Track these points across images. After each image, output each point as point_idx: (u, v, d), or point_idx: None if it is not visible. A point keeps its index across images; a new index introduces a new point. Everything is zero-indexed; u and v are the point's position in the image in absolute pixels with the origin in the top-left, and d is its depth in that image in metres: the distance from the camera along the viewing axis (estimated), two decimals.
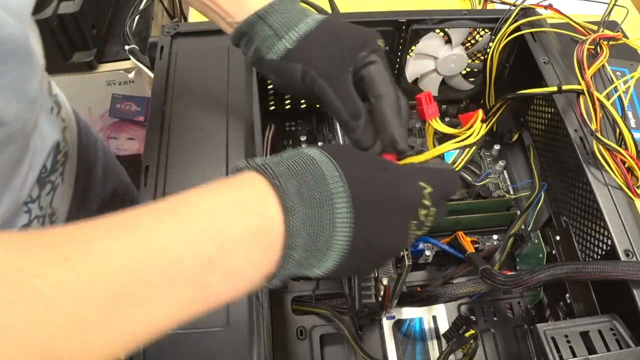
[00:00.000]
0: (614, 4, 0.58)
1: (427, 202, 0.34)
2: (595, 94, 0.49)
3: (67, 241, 0.24)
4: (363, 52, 0.40)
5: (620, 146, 0.48)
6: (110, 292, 0.23)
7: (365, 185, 0.31)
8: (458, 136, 0.45)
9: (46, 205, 0.55)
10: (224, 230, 0.27)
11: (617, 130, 0.50)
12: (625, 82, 0.57)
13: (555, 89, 0.53)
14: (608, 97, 0.50)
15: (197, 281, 0.26)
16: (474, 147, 0.49)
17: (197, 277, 0.26)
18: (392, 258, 0.35)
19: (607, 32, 0.57)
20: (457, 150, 0.62)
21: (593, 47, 0.55)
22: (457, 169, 0.52)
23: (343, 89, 0.40)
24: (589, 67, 0.51)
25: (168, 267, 0.25)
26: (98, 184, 0.69)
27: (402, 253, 0.45)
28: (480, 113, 0.44)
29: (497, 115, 0.61)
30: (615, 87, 0.52)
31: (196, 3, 0.45)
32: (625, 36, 0.60)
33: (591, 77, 0.51)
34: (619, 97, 0.51)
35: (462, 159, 0.51)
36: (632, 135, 0.48)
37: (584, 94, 0.50)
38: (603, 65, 0.54)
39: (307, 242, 0.29)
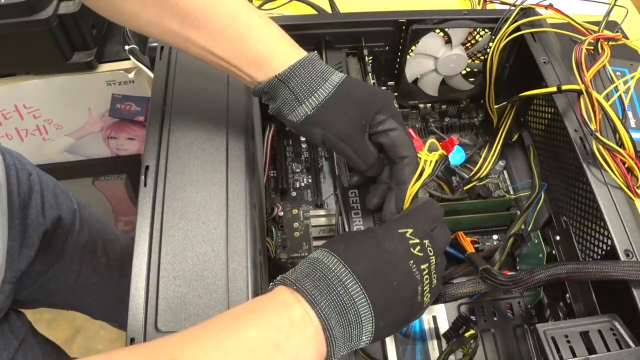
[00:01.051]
0: (614, 4, 0.58)
1: (413, 241, 0.39)
2: (594, 94, 0.49)
3: (167, 348, 0.31)
4: (380, 115, 0.45)
5: (620, 146, 0.48)
6: None
7: (360, 256, 0.38)
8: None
9: None
10: (280, 321, 0.34)
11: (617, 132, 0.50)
12: (625, 83, 0.57)
13: (554, 89, 0.53)
14: (608, 97, 0.50)
15: None
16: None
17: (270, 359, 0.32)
18: (416, 299, 0.39)
19: (607, 33, 0.57)
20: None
21: (592, 47, 0.55)
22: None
23: (361, 148, 0.45)
24: (589, 68, 0.51)
25: (250, 353, 0.32)
26: (37, 217, 0.66)
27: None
28: (454, 139, 0.47)
29: (508, 124, 0.62)
30: (616, 87, 0.52)
31: (212, 64, 0.46)
32: (625, 36, 0.60)
33: (591, 78, 0.51)
34: (619, 98, 0.51)
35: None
36: (629, 136, 0.48)
37: (583, 93, 0.50)
38: (604, 66, 0.54)
39: (339, 319, 0.35)
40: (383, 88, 0.70)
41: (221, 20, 0.43)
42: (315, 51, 0.46)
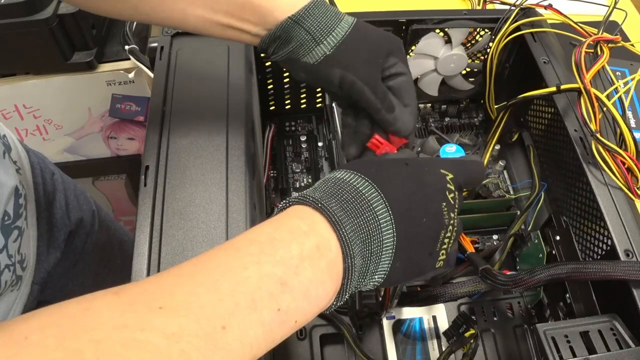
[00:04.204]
0: (614, 7, 0.58)
1: (450, 186, 0.37)
2: (595, 91, 0.49)
3: (154, 292, 0.27)
4: (392, 57, 0.44)
5: (620, 147, 0.48)
6: (205, 330, 0.26)
7: (394, 183, 0.34)
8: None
9: (14, 252, 0.53)
10: (287, 254, 0.30)
11: (618, 131, 0.50)
12: (625, 84, 0.57)
13: (554, 89, 0.53)
14: (608, 98, 0.50)
15: (276, 305, 0.28)
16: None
17: (275, 300, 0.28)
18: (435, 244, 0.36)
19: (606, 35, 0.57)
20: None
21: (592, 50, 0.55)
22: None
23: (379, 89, 0.43)
24: (588, 69, 0.51)
25: (249, 296, 0.28)
26: (62, 218, 0.66)
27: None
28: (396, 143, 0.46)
29: (502, 124, 0.62)
30: (616, 88, 0.52)
31: (212, 29, 0.44)
32: (625, 37, 0.60)
33: (591, 79, 0.51)
34: (620, 99, 0.51)
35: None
36: (632, 134, 0.48)
37: (583, 93, 0.50)
38: (603, 67, 0.54)
39: (362, 250, 0.32)
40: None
41: None
42: None
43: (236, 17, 0.43)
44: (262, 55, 0.47)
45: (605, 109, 0.49)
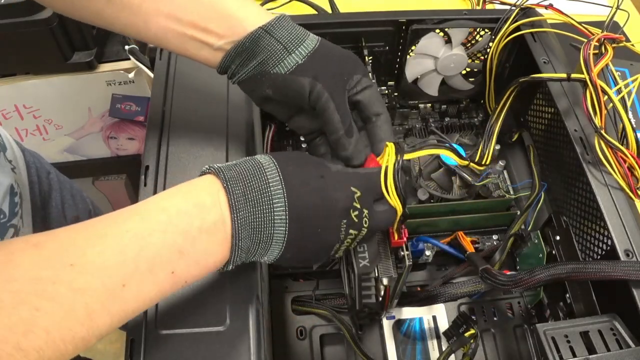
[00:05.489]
0: (617, 8, 0.58)
1: (357, 205, 0.38)
2: (601, 82, 0.49)
3: (67, 249, 0.31)
4: (357, 74, 0.45)
5: (622, 144, 0.48)
6: (107, 286, 0.31)
7: (302, 191, 0.37)
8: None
9: None
10: (190, 226, 0.34)
11: (620, 127, 0.50)
12: (626, 86, 0.57)
13: (564, 75, 0.53)
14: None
15: (171, 268, 0.33)
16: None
17: (171, 264, 0.33)
18: (329, 252, 0.39)
19: (612, 34, 0.57)
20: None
21: (596, 51, 0.55)
22: None
23: (343, 105, 0.44)
24: (595, 65, 0.51)
25: (150, 260, 0.32)
26: (57, 217, 0.67)
27: (402, 253, 0.45)
28: None
29: (508, 103, 0.61)
30: (619, 88, 0.52)
31: (173, 40, 0.44)
32: (626, 38, 0.60)
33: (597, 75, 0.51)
34: (622, 99, 0.51)
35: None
36: (634, 131, 0.48)
37: (590, 84, 0.50)
38: (607, 66, 0.54)
39: (251, 235, 0.35)
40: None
41: None
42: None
43: (200, 28, 0.43)
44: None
45: (610, 106, 0.49)
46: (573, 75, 0.52)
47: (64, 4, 0.45)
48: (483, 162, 0.59)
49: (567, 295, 0.52)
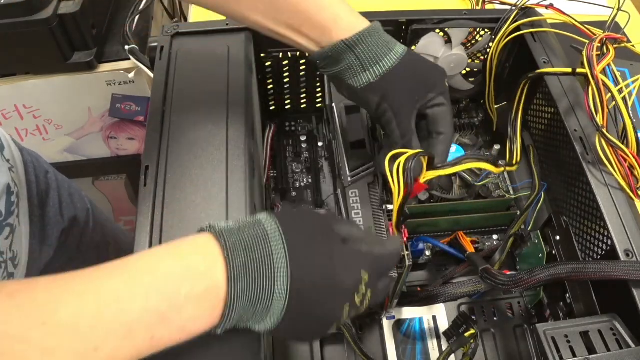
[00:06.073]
0: (619, 9, 0.58)
1: (362, 289, 0.37)
2: (603, 77, 0.49)
3: (41, 305, 0.29)
4: (432, 93, 0.47)
5: (623, 143, 0.48)
6: (78, 349, 0.29)
7: (307, 268, 0.35)
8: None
9: (6, 249, 0.54)
10: (176, 292, 0.32)
11: (621, 126, 0.49)
12: (627, 86, 0.57)
13: (569, 70, 0.53)
14: (612, 97, 0.50)
15: (151, 334, 0.31)
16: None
17: (151, 330, 0.31)
18: (326, 330, 0.38)
19: (614, 34, 0.57)
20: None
21: (598, 52, 0.55)
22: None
23: (406, 125, 0.46)
24: (597, 64, 0.51)
25: (127, 324, 0.30)
26: (55, 216, 0.66)
27: (402, 253, 0.45)
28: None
29: (524, 96, 0.61)
30: (621, 88, 0.52)
31: (269, 34, 0.47)
32: (627, 39, 0.60)
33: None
34: (624, 99, 0.50)
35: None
36: (635, 129, 0.48)
37: (592, 81, 0.50)
38: (609, 65, 0.54)
39: (247, 307, 0.33)
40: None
41: None
42: (378, 22, 0.47)
43: (295, 30, 0.46)
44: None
45: (612, 105, 0.49)
46: (578, 70, 0.53)
47: None
48: (514, 162, 0.59)
49: (567, 295, 0.52)
